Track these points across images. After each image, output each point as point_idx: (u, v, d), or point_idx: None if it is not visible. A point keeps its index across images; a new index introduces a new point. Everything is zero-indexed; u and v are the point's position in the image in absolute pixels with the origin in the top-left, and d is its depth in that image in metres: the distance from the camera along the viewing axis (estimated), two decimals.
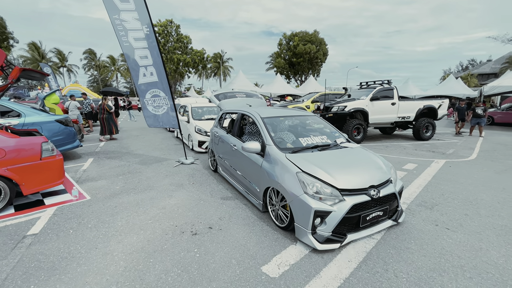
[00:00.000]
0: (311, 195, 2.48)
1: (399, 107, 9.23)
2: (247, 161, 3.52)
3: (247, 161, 3.54)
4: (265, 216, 3.27)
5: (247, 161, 3.52)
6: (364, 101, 8.84)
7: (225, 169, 4.52)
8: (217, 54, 56.57)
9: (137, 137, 9.87)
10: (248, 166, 3.52)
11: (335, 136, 3.72)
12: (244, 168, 3.68)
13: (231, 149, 4.09)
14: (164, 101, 5.42)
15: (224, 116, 5.01)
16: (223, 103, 5.17)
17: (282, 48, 52.75)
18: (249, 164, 3.49)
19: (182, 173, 5.14)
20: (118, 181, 4.61)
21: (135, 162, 5.98)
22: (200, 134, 6.97)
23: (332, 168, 2.71)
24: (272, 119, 3.71)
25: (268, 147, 3.17)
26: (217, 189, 4.25)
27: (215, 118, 7.88)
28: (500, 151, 7.66)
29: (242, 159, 3.69)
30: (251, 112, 3.87)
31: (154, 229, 2.92)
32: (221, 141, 4.65)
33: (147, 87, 5.29)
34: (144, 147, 7.89)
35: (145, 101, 5.42)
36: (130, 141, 8.84)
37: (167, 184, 4.47)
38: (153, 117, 5.58)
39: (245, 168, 3.65)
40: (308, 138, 3.45)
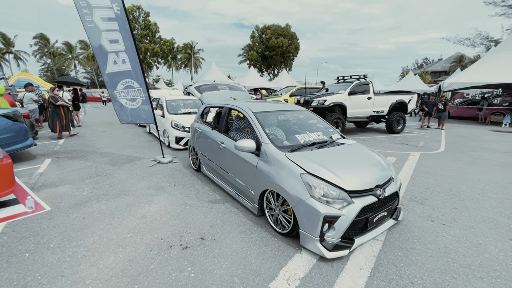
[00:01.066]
0: (318, 198, 2.26)
1: (375, 101, 9.50)
2: (239, 160, 3.20)
3: (238, 160, 3.21)
4: (262, 220, 3.00)
5: (239, 160, 3.20)
6: (343, 95, 8.93)
7: (211, 168, 4.14)
8: (187, 45, 54.07)
9: (103, 133, 8.90)
10: (240, 166, 3.20)
11: (330, 132, 3.55)
12: (235, 169, 3.35)
13: (218, 147, 3.72)
14: (139, 93, 4.80)
15: (208, 110, 4.58)
16: (205, 96, 4.73)
17: (255, 40, 52.30)
18: (241, 164, 3.17)
19: (160, 174, 4.64)
20: (85, 186, 3.98)
21: (104, 162, 5.29)
22: (177, 130, 6.42)
23: (337, 168, 2.51)
24: (264, 114, 3.41)
25: (264, 145, 2.87)
26: (203, 191, 3.86)
27: (192, 112, 7.37)
28: (462, 143, 8.26)
29: (233, 158, 3.35)
30: (241, 107, 3.53)
31: (135, 244, 2.48)
32: (204, 138, 4.24)
33: (119, 77, 4.61)
34: (112, 144, 7.09)
35: (117, 93, 4.75)
36: (96, 138, 7.91)
37: (145, 188, 3.97)
38: (127, 111, 4.93)
39: (236, 168, 3.32)
40: (304, 135, 3.22)
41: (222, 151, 3.64)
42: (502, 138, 9.40)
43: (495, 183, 4.43)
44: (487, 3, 25.25)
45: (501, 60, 14.29)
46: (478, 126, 13.34)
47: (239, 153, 3.19)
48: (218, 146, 3.72)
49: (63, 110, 7.47)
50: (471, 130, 11.66)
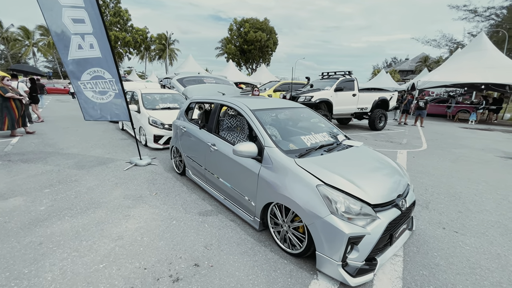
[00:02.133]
0: (340, 215, 1.90)
1: (359, 98, 9.48)
2: (236, 166, 2.74)
3: (235, 166, 2.76)
4: (264, 236, 2.60)
5: (236, 166, 2.74)
6: (329, 92, 8.76)
7: (198, 173, 3.64)
8: (161, 35, 51.33)
9: (67, 129, 7.85)
10: (237, 173, 2.75)
11: (335, 133, 3.22)
12: (230, 175, 2.90)
13: (208, 150, 3.23)
14: (111, 85, 4.08)
15: (194, 106, 4.03)
16: (190, 90, 4.17)
17: (233, 34, 51.31)
18: (238, 170, 2.72)
19: (138, 179, 4.02)
20: (43, 198, 3.27)
21: (68, 166, 4.51)
22: (156, 127, 5.75)
23: (355, 177, 2.18)
24: (263, 112, 2.97)
25: (267, 149, 2.45)
26: (190, 200, 3.36)
27: (172, 107, 6.71)
28: (440, 140, 8.52)
29: (227, 163, 2.89)
30: (235, 103, 3.05)
31: (110, 279, 1.94)
32: (190, 138, 3.71)
33: (85, 65, 3.86)
34: (78, 143, 6.20)
35: (81, 84, 3.98)
36: (58, 136, 6.91)
37: (120, 198, 3.36)
38: (94, 106, 4.18)
39: (231, 175, 2.87)
40: (310, 137, 2.85)
41: (213, 155, 3.15)
42: (472, 135, 9.90)
43: (485, 182, 4.45)
44: (451, 7, 26.91)
45: (468, 60, 15.19)
46: (448, 123, 14.09)
47: (235, 158, 2.74)
48: (208, 148, 3.22)
49: (14, 103, 6.38)
50: (443, 127, 12.23)
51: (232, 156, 2.78)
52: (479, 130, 11.48)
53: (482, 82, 14.16)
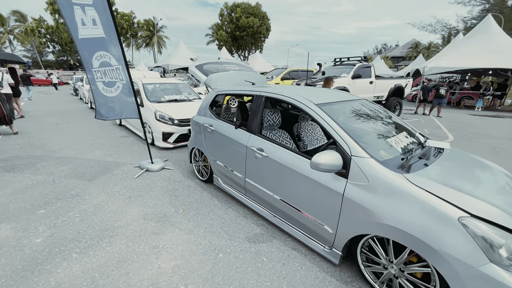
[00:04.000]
0: (505, 264, 1.27)
1: (376, 86, 8.85)
2: (301, 181, 2.07)
3: (300, 180, 2.08)
4: (346, 272, 1.97)
5: (301, 181, 2.07)
6: (346, 79, 8.08)
7: (234, 183, 2.94)
8: (149, 21, 48.66)
9: (57, 126, 6.89)
10: (304, 189, 2.07)
11: (411, 130, 2.57)
12: (290, 191, 2.22)
13: (251, 156, 2.52)
14: (117, 74, 3.24)
15: (222, 99, 3.27)
16: (213, 79, 3.39)
17: (224, 19, 49.36)
18: (306, 186, 2.04)
19: (154, 190, 3.29)
20: (39, 223, 2.51)
21: (65, 174, 3.71)
22: (164, 123, 4.95)
23: (493, 198, 1.55)
24: (330, 107, 2.27)
25: (357, 160, 1.77)
26: (229, 219, 2.67)
27: (179, 99, 5.89)
28: (462, 129, 8.05)
29: (286, 175, 2.21)
30: (292, 96, 2.33)
31: None
32: (221, 140, 2.99)
33: (92, 47, 3.08)
34: (72, 143, 5.33)
35: (95, 72, 3.21)
36: (47, 135, 5.98)
37: (139, 218, 2.64)
38: (107, 101, 3.41)
39: (293, 191, 2.19)
40: (394, 139, 2.18)
41: (259, 163, 2.45)
42: (488, 123, 9.50)
43: None
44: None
45: (475, 45, 14.75)
46: (455, 110, 13.73)
47: (300, 170, 2.06)
48: (251, 154, 2.52)
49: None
50: (453, 114, 11.81)
51: (296, 167, 2.10)
52: (490, 117, 11.14)
53: (491, 67, 13.78)
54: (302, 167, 2.06)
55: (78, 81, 15.21)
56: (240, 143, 2.69)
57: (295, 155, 2.15)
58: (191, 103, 5.85)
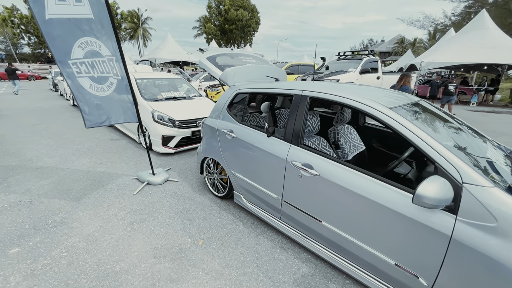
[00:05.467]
0: None
1: (382, 81, 8.46)
2: (381, 214, 1.53)
3: (378, 213, 1.55)
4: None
5: (381, 214, 1.53)
6: (354, 74, 7.63)
7: (265, 204, 2.37)
8: (132, 13, 46.38)
9: (34, 128, 6.01)
10: (381, 223, 1.54)
11: (492, 142, 2.10)
12: (363, 226, 1.67)
13: (295, 173, 1.96)
14: (110, 67, 2.54)
15: (246, 99, 2.66)
16: (231, 74, 2.76)
17: (212, 12, 48.04)
18: (383, 219, 1.51)
19: (161, 212, 2.66)
20: (11, 272, 1.85)
21: (45, 192, 3.00)
22: (164, 125, 4.28)
23: None
24: (405, 111, 1.74)
25: (474, 191, 1.24)
26: (263, 252, 2.11)
27: (178, 97, 5.21)
28: None
29: (351, 203, 1.66)
30: (357, 99, 1.77)
31: None
32: (246, 150, 2.40)
33: (73, 31, 2.28)
34: (54, 149, 4.55)
35: (73, 64, 2.36)
36: (22, 138, 5.14)
37: (149, 257, 2.03)
38: (96, 103, 2.63)
39: (368, 226, 1.64)
40: (490, 153, 1.69)
41: (306, 183, 1.90)
42: (488, 119, 9.36)
43: None
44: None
45: (470, 40, 14.75)
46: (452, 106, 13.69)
47: (377, 198, 1.53)
48: (294, 171, 1.96)
49: None
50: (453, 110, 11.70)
51: (369, 194, 1.56)
52: (488, 113, 11.11)
53: (488, 62, 13.82)
54: (378, 194, 1.53)
55: (57, 75, 13.99)
56: (276, 156, 2.11)
57: (367, 178, 1.61)
58: (192, 101, 5.18)
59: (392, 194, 1.50)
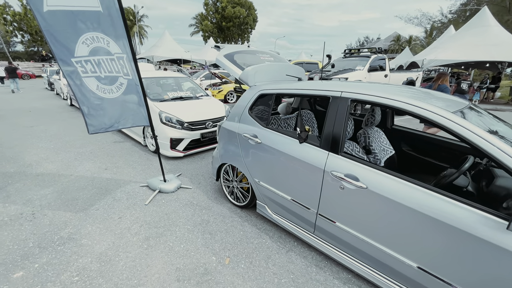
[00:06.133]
0: None
1: (390, 79, 8.29)
2: (448, 236, 1.33)
3: (445, 236, 1.34)
4: None
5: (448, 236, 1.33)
6: (362, 72, 7.44)
7: (296, 216, 2.16)
8: (128, 10, 45.57)
9: (32, 130, 5.71)
10: (459, 253, 1.34)
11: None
12: (427, 250, 1.46)
13: (335, 185, 1.75)
14: (120, 66, 2.29)
15: (271, 101, 2.43)
16: (251, 73, 2.54)
17: (209, 9, 47.60)
18: (462, 248, 1.31)
19: (178, 224, 2.44)
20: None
21: (48, 202, 2.75)
22: (172, 127, 4.03)
23: None
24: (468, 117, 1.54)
25: None
26: (300, 273, 1.90)
27: (185, 96, 4.96)
28: None
29: (417, 225, 1.46)
30: (412, 102, 1.56)
31: None
32: (274, 157, 2.19)
33: (76, 25, 2.01)
34: (54, 153, 4.28)
35: (77, 63, 2.11)
36: (20, 142, 4.85)
37: (171, 279, 1.80)
38: (103, 106, 2.36)
39: (433, 250, 1.44)
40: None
41: (352, 197, 1.69)
42: None
43: None
44: None
45: (471, 37, 14.66)
46: None
47: (447, 220, 1.33)
48: (333, 183, 1.75)
49: None
50: None
51: (435, 214, 1.36)
52: (492, 111, 11.03)
53: (490, 60, 13.73)
54: (448, 214, 1.33)
55: (53, 74, 13.58)
56: (311, 164, 1.90)
57: (432, 194, 1.40)
58: (199, 101, 4.93)
59: (468, 215, 1.29)
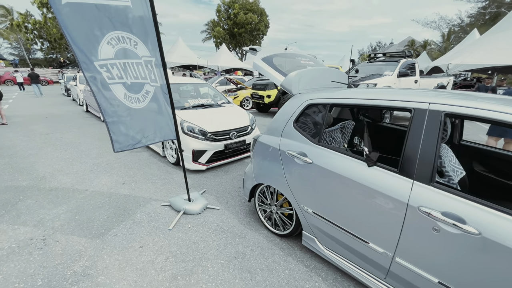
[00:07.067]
0: None
1: (420, 85, 7.74)
2: None
3: None
4: None
5: None
6: (391, 78, 6.94)
7: (359, 257, 1.73)
8: None
9: (47, 137, 5.53)
10: None
11: None
12: None
13: (425, 226, 1.32)
14: (147, 71, 1.96)
15: (326, 113, 2.03)
16: (295, 80, 2.15)
17: (221, 15, 48.23)
18: None
19: (210, 259, 2.05)
20: None
21: (61, 224, 2.43)
22: (195, 138, 3.70)
23: None
24: None
25: None
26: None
27: (206, 104, 4.63)
28: None
29: None
30: None
31: None
32: (331, 181, 1.78)
33: (101, 21, 1.67)
34: (69, 163, 4.02)
35: (100, 67, 1.77)
36: (35, 150, 4.64)
37: None
38: (129, 119, 2.02)
39: None
40: None
41: (447, 242, 1.26)
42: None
43: None
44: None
45: (502, 41, 13.85)
46: None
47: None
48: (422, 222, 1.33)
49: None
50: None
51: None
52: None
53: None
54: None
55: (70, 80, 13.72)
56: (386, 195, 1.48)
57: None
58: (221, 109, 4.59)
59: None
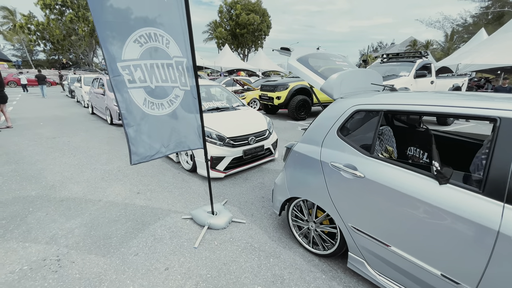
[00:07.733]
0: None
1: (436, 86, 7.50)
2: None
3: None
4: None
5: None
6: (408, 79, 6.70)
7: (422, 285, 1.50)
8: None
9: (54, 141, 5.32)
10: None
11: None
12: None
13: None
14: (177, 74, 1.74)
15: (379, 121, 1.80)
16: (336, 83, 1.93)
17: (223, 16, 48.19)
18: None
19: (245, 284, 1.82)
20: None
21: (75, 242, 2.22)
22: (212, 143, 3.49)
23: None
24: None
25: None
26: None
27: (221, 107, 4.43)
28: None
29: None
30: None
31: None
32: (384, 199, 1.55)
33: (127, 17, 1.46)
34: (79, 171, 3.81)
35: (123, 69, 1.55)
36: (43, 156, 4.43)
37: None
38: (149, 128, 1.81)
39: None
40: None
41: None
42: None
43: None
44: None
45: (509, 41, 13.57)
46: None
47: None
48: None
49: None
50: None
51: None
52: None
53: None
54: None
55: (74, 81, 13.57)
56: (467, 220, 1.25)
57: None
58: (237, 112, 4.38)
59: None
